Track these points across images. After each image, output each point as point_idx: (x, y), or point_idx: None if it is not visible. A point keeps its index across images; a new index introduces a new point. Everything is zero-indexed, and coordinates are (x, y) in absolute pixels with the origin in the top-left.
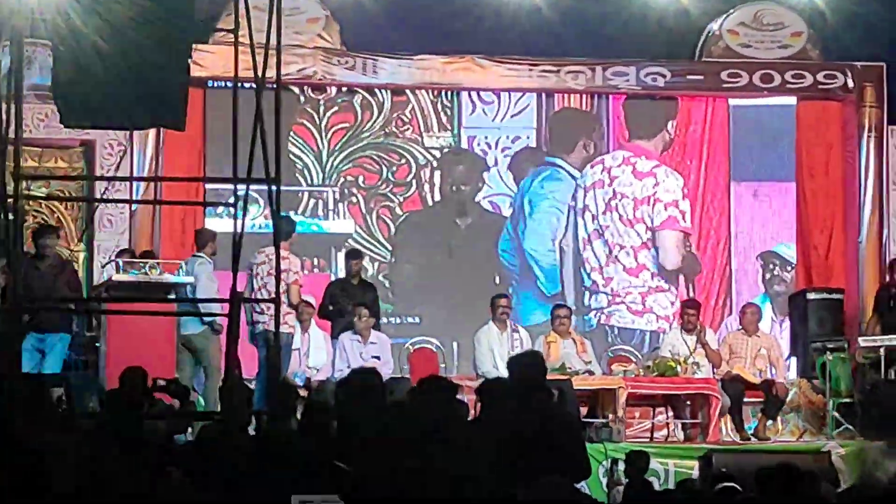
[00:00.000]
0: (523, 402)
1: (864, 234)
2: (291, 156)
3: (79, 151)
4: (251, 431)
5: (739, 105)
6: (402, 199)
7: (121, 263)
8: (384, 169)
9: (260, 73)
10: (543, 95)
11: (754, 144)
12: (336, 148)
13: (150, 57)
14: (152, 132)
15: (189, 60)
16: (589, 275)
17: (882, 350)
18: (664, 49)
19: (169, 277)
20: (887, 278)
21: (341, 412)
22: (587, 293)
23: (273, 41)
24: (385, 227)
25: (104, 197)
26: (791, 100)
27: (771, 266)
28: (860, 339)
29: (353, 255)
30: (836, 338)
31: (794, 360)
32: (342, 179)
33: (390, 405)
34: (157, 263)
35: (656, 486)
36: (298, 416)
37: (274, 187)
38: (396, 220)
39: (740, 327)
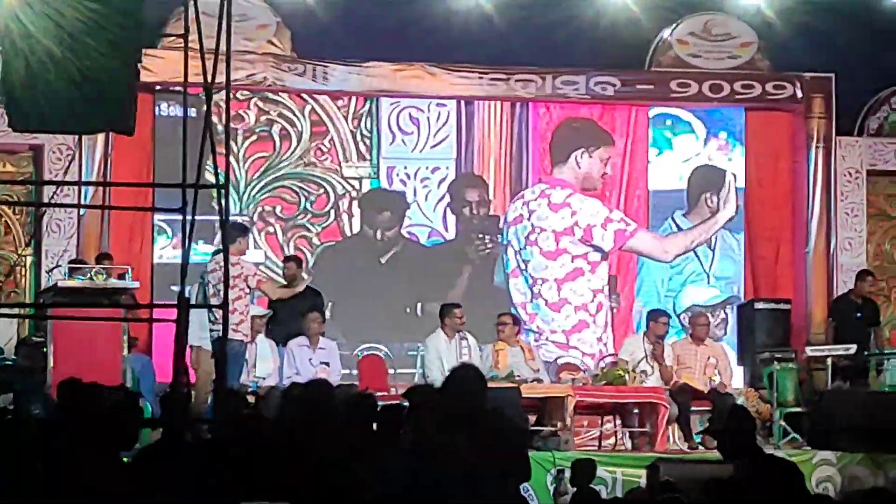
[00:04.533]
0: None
1: (811, 244)
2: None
3: (27, 155)
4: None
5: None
6: (319, 230)
7: (67, 269)
8: (302, 199)
9: (210, 79)
10: (463, 128)
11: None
12: (254, 178)
13: (99, 61)
14: (101, 136)
15: (139, 65)
16: (516, 309)
17: (829, 360)
18: (614, 58)
19: (115, 283)
20: (853, 288)
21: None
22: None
23: (223, 47)
24: (303, 257)
25: (52, 201)
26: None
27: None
28: (807, 348)
29: (287, 259)
30: (784, 348)
31: (741, 369)
32: (259, 209)
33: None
34: (104, 269)
35: (604, 495)
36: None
37: (223, 192)
38: (314, 251)
39: (689, 336)
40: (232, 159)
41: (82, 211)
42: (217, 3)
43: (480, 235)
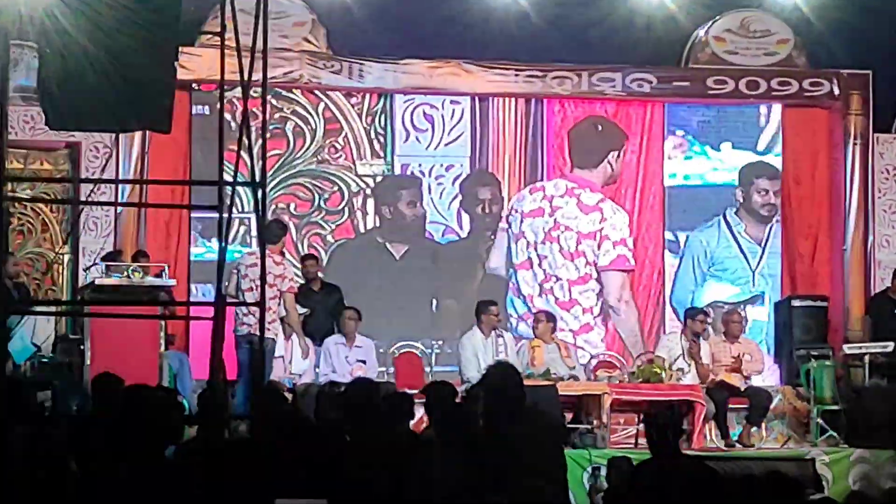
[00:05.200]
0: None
1: (849, 241)
2: None
3: (64, 153)
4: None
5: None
6: (333, 227)
7: (104, 267)
8: (316, 196)
9: (246, 77)
10: (478, 126)
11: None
12: (268, 175)
13: (136, 59)
14: (138, 134)
15: (175, 63)
16: (524, 301)
17: (866, 357)
18: (651, 55)
19: (152, 280)
20: (891, 286)
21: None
22: (516, 320)
23: (259, 44)
24: (316, 254)
25: (89, 199)
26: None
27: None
28: (845, 346)
29: (307, 258)
30: (821, 345)
31: (778, 367)
32: (273, 207)
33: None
34: (141, 267)
35: None
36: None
37: (259, 191)
38: (328, 248)
39: (723, 334)
40: (245, 155)
41: (119, 209)
42: (254, 0)
43: (491, 235)
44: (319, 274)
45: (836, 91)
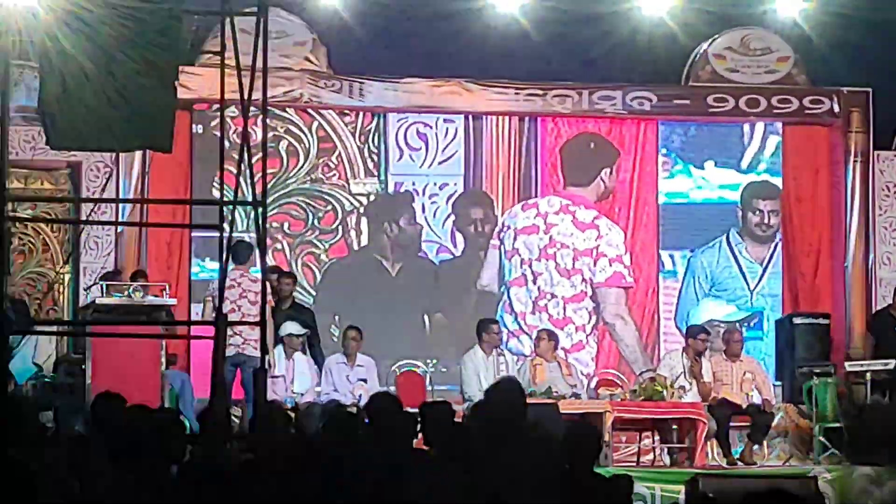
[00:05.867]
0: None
1: (850, 258)
2: None
3: (65, 173)
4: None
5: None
6: (327, 246)
7: (105, 286)
8: (310, 215)
9: (246, 96)
10: (472, 144)
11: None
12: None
13: (137, 79)
14: (138, 154)
15: (176, 82)
16: (515, 318)
17: (868, 374)
18: (651, 73)
19: (153, 300)
20: (892, 303)
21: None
22: (508, 337)
23: (259, 64)
24: (311, 273)
25: (90, 219)
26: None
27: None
28: (847, 363)
29: (285, 276)
30: (823, 362)
31: (780, 384)
32: (267, 225)
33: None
34: (142, 286)
35: None
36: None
37: (260, 209)
38: (322, 267)
39: (724, 353)
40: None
41: (120, 228)
42: (254, 20)
43: (483, 252)
44: (294, 293)
45: (837, 108)
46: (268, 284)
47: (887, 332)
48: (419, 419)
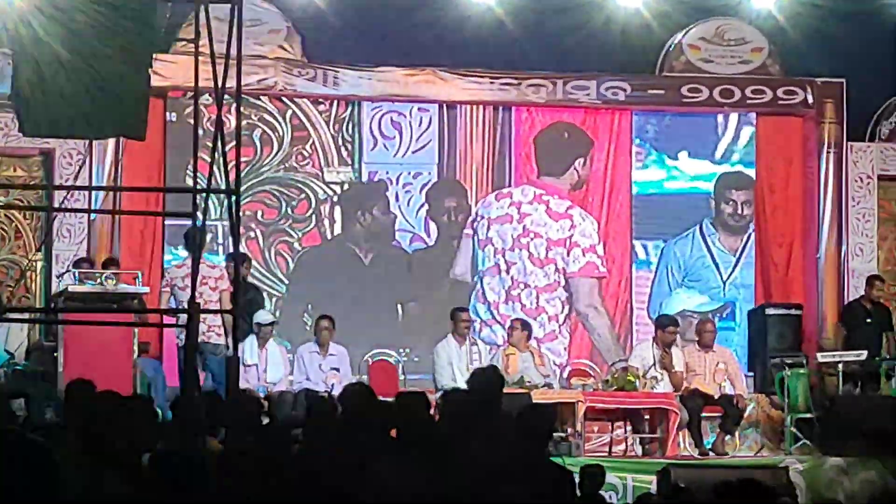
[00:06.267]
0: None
1: (822, 249)
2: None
3: (38, 160)
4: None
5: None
6: (300, 235)
7: (77, 274)
8: (283, 204)
9: (220, 84)
10: (446, 133)
11: None
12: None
13: (111, 66)
14: (112, 141)
15: (150, 70)
16: (488, 308)
17: (840, 366)
18: (626, 63)
19: (126, 287)
20: (863, 293)
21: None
22: (480, 326)
23: (234, 52)
24: (283, 262)
25: (63, 206)
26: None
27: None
28: (819, 354)
29: (245, 260)
30: (795, 353)
31: (752, 375)
32: (241, 214)
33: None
34: (114, 274)
35: (614, 501)
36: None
37: (234, 198)
38: (294, 256)
39: (696, 343)
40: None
41: (93, 216)
42: (228, 7)
43: (456, 242)
44: (248, 277)
45: (811, 99)
46: (236, 271)
47: (859, 324)
48: (395, 409)
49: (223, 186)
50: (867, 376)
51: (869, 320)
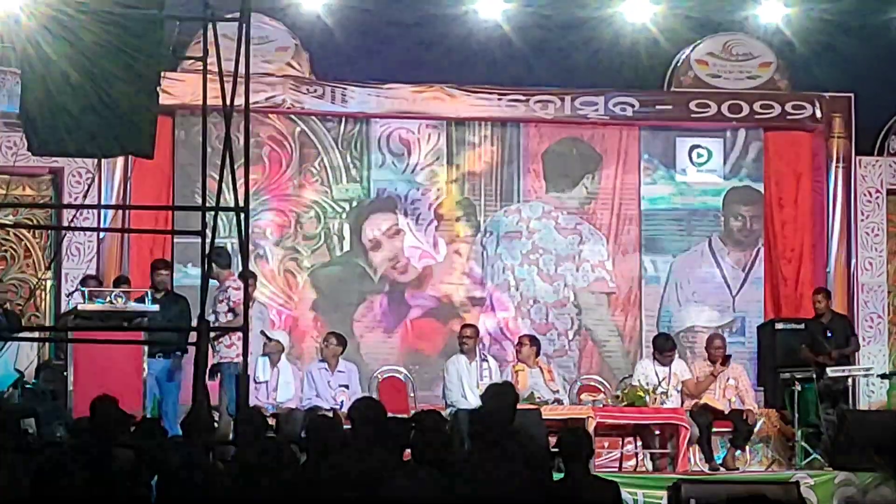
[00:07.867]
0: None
1: (832, 264)
2: None
3: (47, 179)
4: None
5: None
6: (310, 252)
7: (86, 292)
8: (293, 221)
9: (229, 102)
10: (454, 150)
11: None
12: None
13: (119, 85)
14: (120, 160)
15: (158, 88)
16: (498, 324)
17: (850, 380)
18: (634, 79)
19: (135, 306)
20: (815, 308)
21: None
22: (490, 342)
23: (242, 69)
24: (293, 279)
25: (72, 225)
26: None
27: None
28: (828, 369)
29: (161, 266)
30: (805, 368)
31: (762, 390)
32: (250, 232)
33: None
34: (124, 292)
35: None
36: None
37: (242, 215)
38: (304, 273)
39: (707, 358)
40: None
41: (102, 234)
42: (236, 25)
43: (465, 259)
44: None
45: (819, 114)
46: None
47: (818, 339)
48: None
49: (232, 204)
50: (837, 392)
51: (829, 334)
